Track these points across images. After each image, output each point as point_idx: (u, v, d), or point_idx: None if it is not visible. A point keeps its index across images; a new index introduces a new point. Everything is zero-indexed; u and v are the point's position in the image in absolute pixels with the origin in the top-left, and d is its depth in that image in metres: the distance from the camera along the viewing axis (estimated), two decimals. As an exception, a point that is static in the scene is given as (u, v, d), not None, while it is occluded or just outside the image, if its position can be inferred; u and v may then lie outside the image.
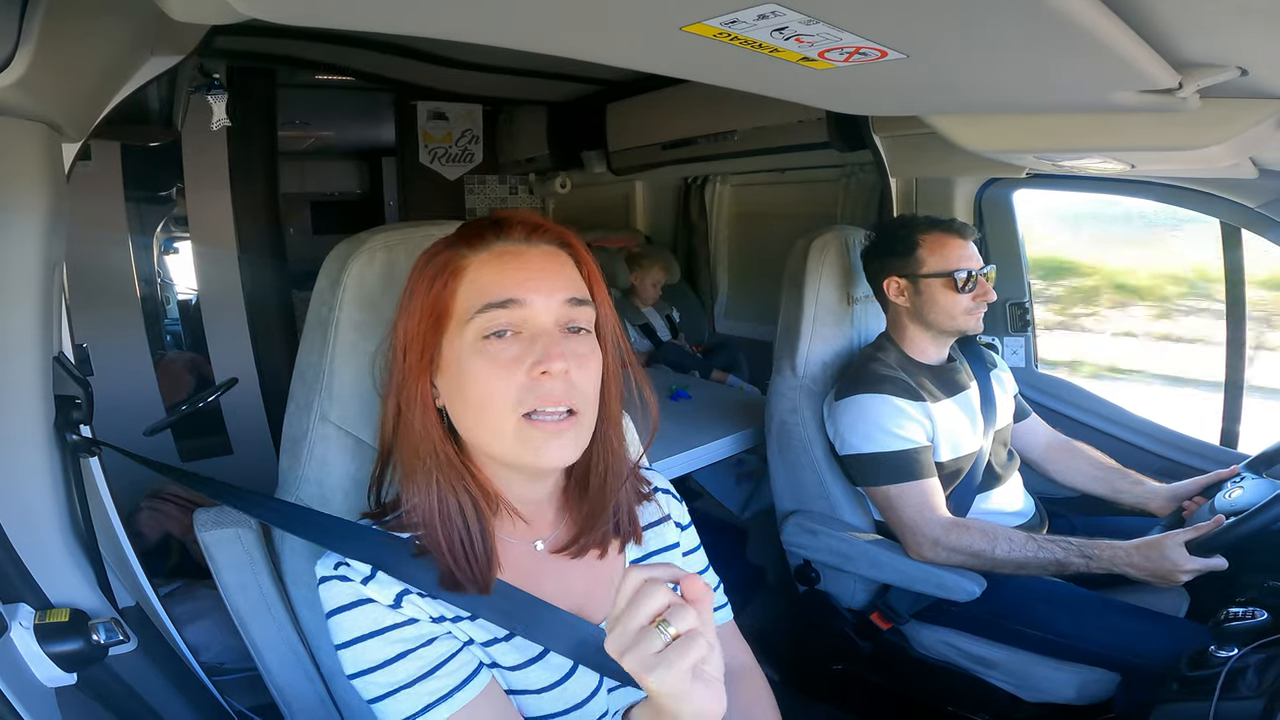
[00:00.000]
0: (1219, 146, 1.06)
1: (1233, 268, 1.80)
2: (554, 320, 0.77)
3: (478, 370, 0.75)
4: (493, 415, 0.76)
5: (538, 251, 0.79)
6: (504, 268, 0.77)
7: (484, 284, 0.76)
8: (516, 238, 0.79)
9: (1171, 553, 1.29)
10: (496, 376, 0.75)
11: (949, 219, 1.66)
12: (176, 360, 3.29)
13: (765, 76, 0.91)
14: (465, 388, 0.76)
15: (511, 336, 0.76)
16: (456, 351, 0.77)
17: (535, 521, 0.87)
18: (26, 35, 0.76)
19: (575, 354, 0.77)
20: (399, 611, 0.75)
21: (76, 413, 1.02)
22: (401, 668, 0.73)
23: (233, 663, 1.44)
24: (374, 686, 0.74)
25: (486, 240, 0.78)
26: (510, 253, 0.78)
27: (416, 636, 0.75)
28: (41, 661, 0.87)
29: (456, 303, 0.77)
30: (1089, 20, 0.63)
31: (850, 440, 1.58)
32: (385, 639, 0.74)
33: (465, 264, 0.78)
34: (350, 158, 5.09)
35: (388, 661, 0.74)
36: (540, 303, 0.76)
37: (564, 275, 0.79)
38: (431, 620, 0.77)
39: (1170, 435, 1.87)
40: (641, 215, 4.00)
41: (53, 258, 1.00)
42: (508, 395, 0.75)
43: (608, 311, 0.84)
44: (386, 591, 0.76)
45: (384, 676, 0.73)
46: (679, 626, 0.58)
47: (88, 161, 2.63)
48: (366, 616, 0.75)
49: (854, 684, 1.68)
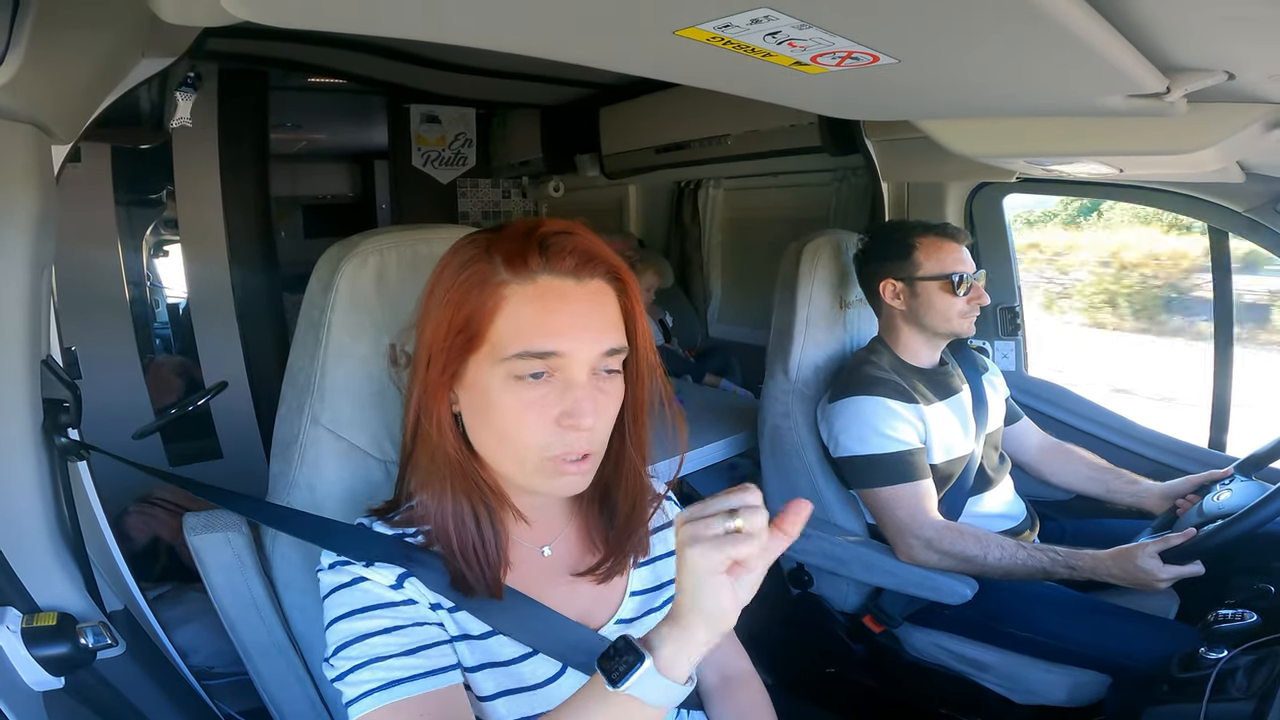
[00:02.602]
0: (1206, 150, 1.07)
1: (1220, 271, 1.81)
2: (590, 368, 0.74)
3: (505, 406, 0.73)
4: (515, 450, 0.75)
5: (585, 291, 0.74)
6: (548, 310, 0.72)
7: (524, 325, 0.72)
8: (564, 271, 0.73)
9: (1144, 562, 1.31)
10: (524, 419, 0.73)
11: (943, 223, 1.67)
12: (166, 364, 3.26)
13: (758, 81, 0.91)
14: (490, 418, 0.75)
15: (545, 378, 0.73)
16: (484, 380, 0.74)
17: (540, 523, 0.87)
18: (16, 37, 0.75)
19: (602, 400, 0.75)
20: (399, 591, 0.75)
21: (65, 416, 1.02)
22: (383, 641, 0.72)
23: (222, 667, 1.43)
24: (347, 660, 0.72)
25: (531, 268, 0.72)
26: (556, 292, 0.72)
27: (411, 615, 0.75)
28: (29, 665, 0.86)
29: (493, 332, 0.73)
30: (1078, 25, 0.64)
31: (844, 442, 1.59)
32: (378, 614, 0.74)
33: (506, 293, 0.72)
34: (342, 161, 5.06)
35: (372, 634, 0.72)
36: (580, 354, 0.73)
37: (608, 321, 0.75)
38: (430, 607, 0.77)
39: (1159, 438, 1.88)
40: (634, 219, 4.00)
41: (41, 260, 0.99)
42: (533, 439, 0.74)
43: (647, 340, 0.81)
44: (388, 574, 0.76)
45: (362, 649, 0.72)
46: (746, 523, 0.60)
47: (77, 164, 2.61)
48: (364, 593, 0.75)
49: (847, 687, 1.68)
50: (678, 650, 0.61)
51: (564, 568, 0.87)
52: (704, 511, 0.61)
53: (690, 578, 0.60)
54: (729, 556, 0.59)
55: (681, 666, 0.61)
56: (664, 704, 0.61)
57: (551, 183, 4.03)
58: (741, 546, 0.59)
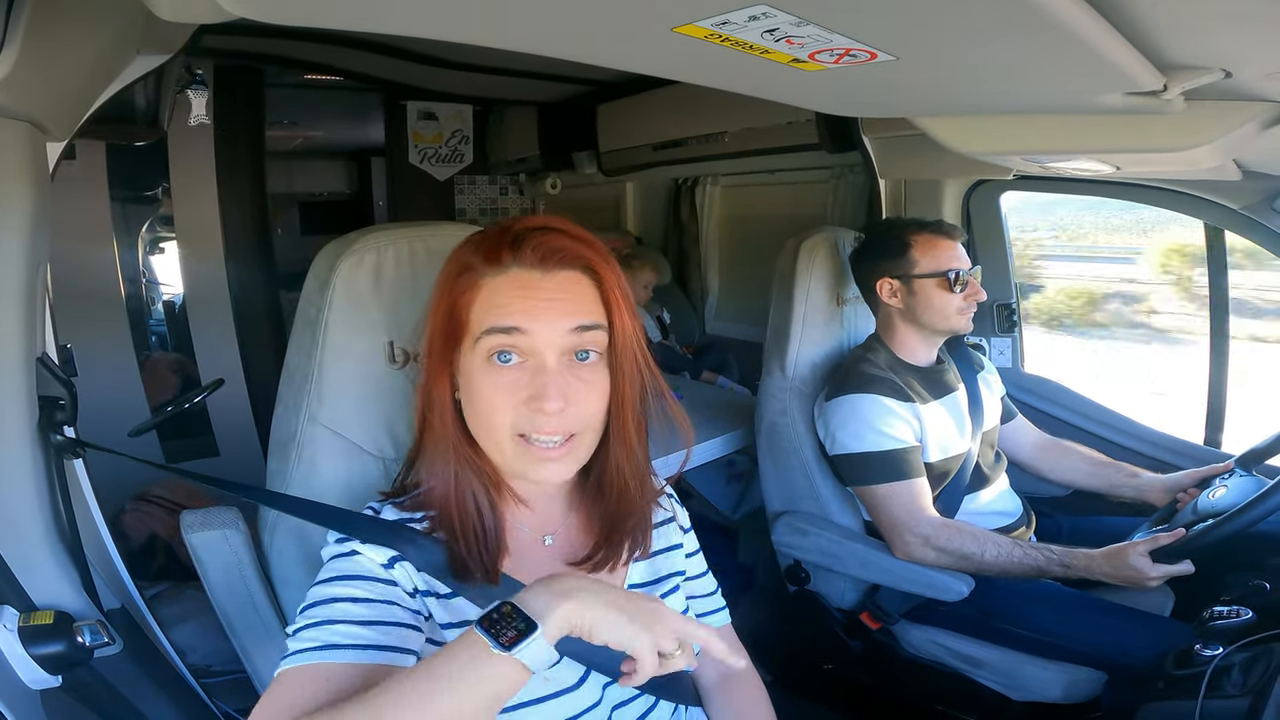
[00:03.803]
0: (1203, 148, 1.07)
1: (1216, 269, 1.82)
2: (559, 350, 0.77)
3: (483, 389, 0.77)
4: (494, 432, 0.78)
5: (552, 282, 0.77)
6: (513, 294, 0.76)
7: (492, 306, 0.77)
8: (532, 264, 0.77)
9: (1134, 561, 1.32)
10: (497, 400, 0.77)
11: (937, 220, 1.67)
12: (162, 361, 3.26)
13: (756, 78, 0.91)
14: (473, 401, 0.79)
15: (517, 363, 0.77)
16: (469, 364, 0.79)
17: (542, 511, 0.88)
18: (11, 34, 0.75)
19: (577, 385, 0.77)
20: (388, 571, 0.77)
21: (60, 414, 1.02)
22: (345, 608, 0.72)
23: (220, 665, 1.43)
24: (305, 618, 0.72)
25: (503, 261, 0.77)
26: (522, 280, 0.77)
27: (386, 594, 0.76)
28: (26, 664, 0.86)
29: (470, 318, 0.78)
30: (1075, 23, 0.64)
31: (841, 440, 1.59)
32: (356, 584, 0.75)
33: (481, 283, 0.78)
34: (339, 158, 5.05)
35: (339, 599, 0.73)
36: (544, 332, 0.76)
37: (577, 302, 0.78)
38: (412, 593, 0.78)
39: (1155, 435, 1.89)
40: (632, 216, 3.99)
41: (37, 257, 0.99)
42: (505, 419, 0.77)
43: (630, 333, 0.82)
44: (381, 554, 0.77)
45: (324, 610, 0.72)
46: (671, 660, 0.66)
47: (72, 161, 2.60)
48: (353, 563, 0.77)
49: (844, 683, 1.69)
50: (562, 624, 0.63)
51: (563, 558, 0.88)
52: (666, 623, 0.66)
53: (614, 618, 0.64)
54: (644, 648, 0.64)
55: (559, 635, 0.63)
56: (540, 669, 0.62)
57: (549, 180, 4.02)
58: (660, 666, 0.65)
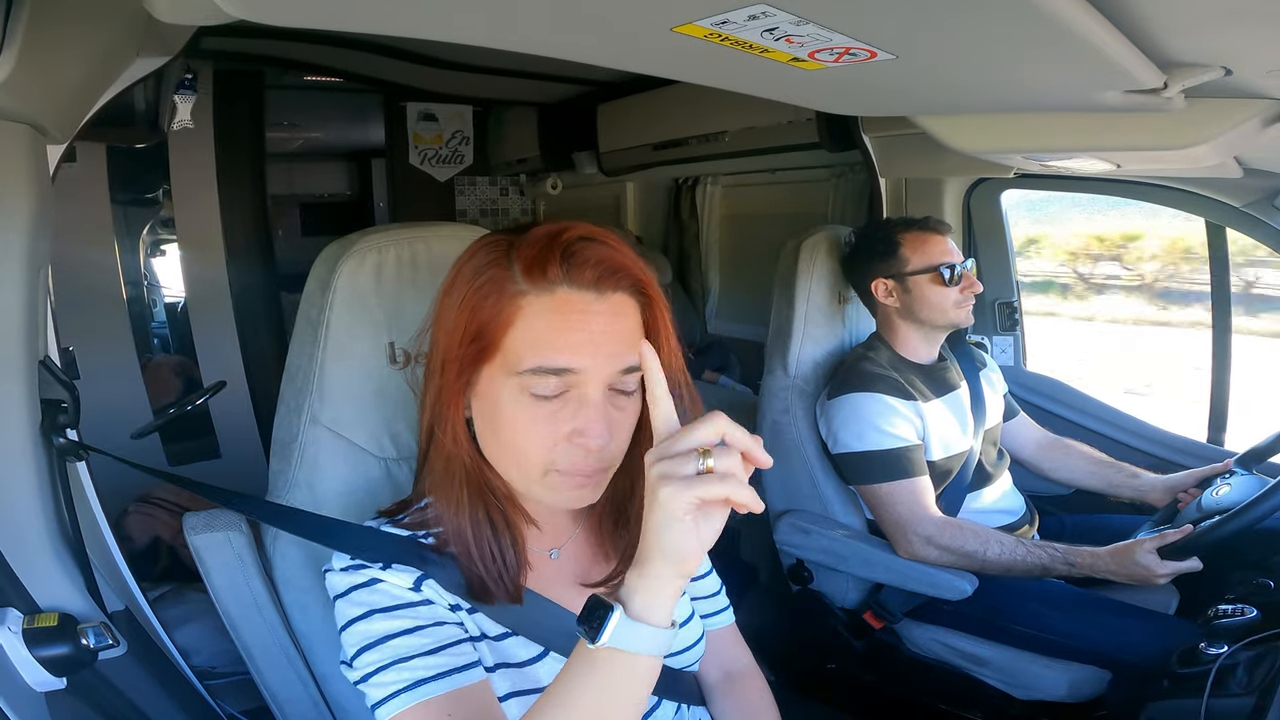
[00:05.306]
0: (1204, 146, 1.07)
1: (1218, 266, 1.81)
2: (604, 384, 0.71)
3: (515, 419, 0.72)
4: (522, 460, 0.74)
5: (606, 305, 0.70)
6: (566, 326, 0.69)
7: (539, 338, 0.69)
8: (585, 283, 0.70)
9: (1141, 558, 1.32)
10: (533, 432, 0.71)
11: (924, 217, 1.68)
12: (164, 363, 3.26)
13: (755, 77, 0.91)
14: (498, 428, 0.74)
15: (556, 393, 0.71)
16: (496, 390, 0.72)
17: (549, 528, 0.86)
18: (10, 37, 0.75)
19: (616, 417, 0.73)
20: (417, 593, 0.74)
21: (63, 416, 1.02)
22: (405, 642, 0.71)
23: (224, 666, 1.43)
24: (370, 663, 0.70)
25: (550, 279, 0.69)
26: (575, 306, 0.70)
27: (430, 615, 0.74)
28: (31, 666, 0.87)
29: (507, 343, 0.71)
30: (1076, 20, 0.64)
31: (843, 438, 1.59)
32: (399, 614, 0.72)
33: (522, 303, 0.70)
34: (339, 159, 5.04)
35: (394, 635, 0.71)
36: (596, 371, 0.70)
37: (628, 338, 0.72)
38: (448, 607, 0.76)
39: (1158, 433, 1.89)
40: (632, 216, 3.99)
41: (38, 260, 0.99)
42: (540, 452, 0.72)
43: (675, 367, 0.76)
44: (406, 576, 0.75)
45: (385, 650, 0.70)
46: (717, 464, 0.57)
47: (73, 163, 2.60)
48: (382, 594, 0.73)
49: (847, 683, 1.69)
50: (648, 595, 0.60)
51: (572, 571, 0.86)
52: (674, 449, 0.58)
53: (658, 517, 0.58)
54: (699, 496, 0.56)
55: (657, 610, 0.60)
56: (648, 650, 0.60)
57: (549, 180, 4.02)
58: (713, 486, 0.56)
